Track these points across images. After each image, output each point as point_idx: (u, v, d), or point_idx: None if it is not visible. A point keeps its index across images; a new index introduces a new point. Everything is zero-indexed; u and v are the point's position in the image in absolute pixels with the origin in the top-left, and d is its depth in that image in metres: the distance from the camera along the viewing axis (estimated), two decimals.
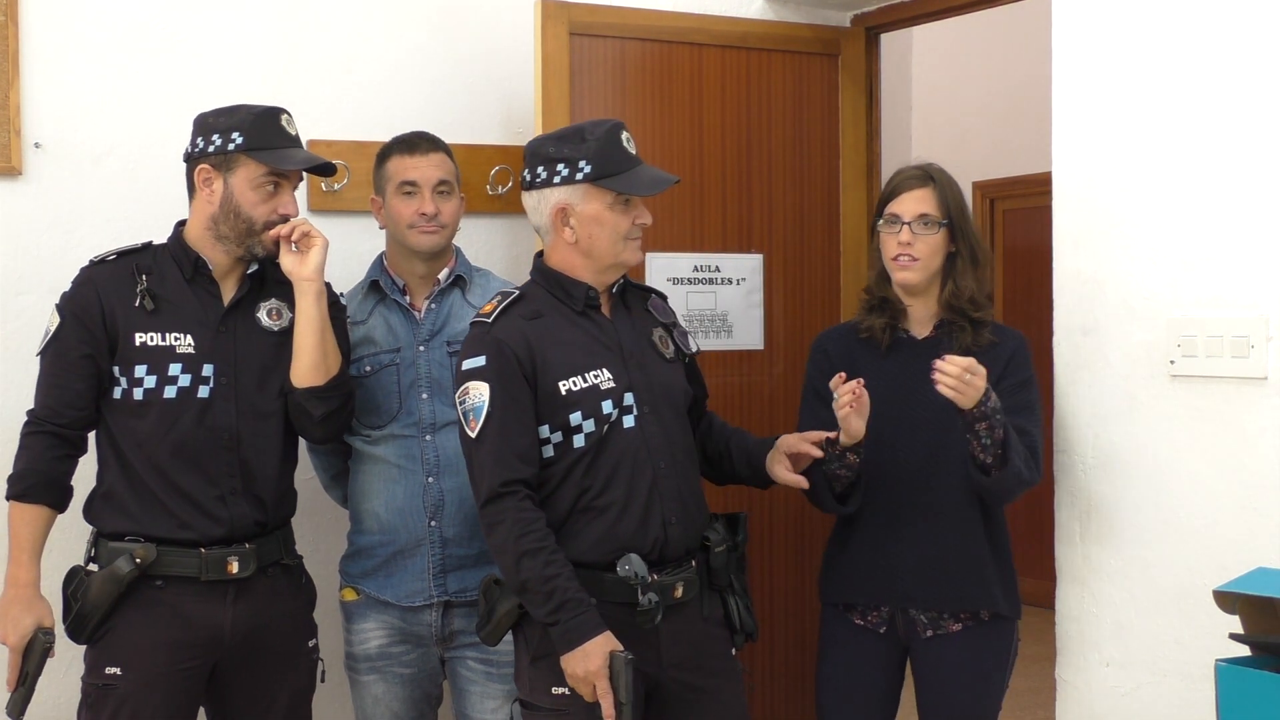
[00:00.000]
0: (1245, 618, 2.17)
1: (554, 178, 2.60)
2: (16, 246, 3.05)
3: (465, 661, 2.95)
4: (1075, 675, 2.80)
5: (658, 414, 2.63)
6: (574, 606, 2.45)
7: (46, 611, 2.63)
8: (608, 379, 2.58)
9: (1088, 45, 2.76)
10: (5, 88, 3.01)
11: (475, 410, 2.53)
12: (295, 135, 2.74)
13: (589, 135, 2.60)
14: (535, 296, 2.64)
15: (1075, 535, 2.80)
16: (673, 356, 2.73)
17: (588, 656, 2.43)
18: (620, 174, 2.59)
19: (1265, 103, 2.48)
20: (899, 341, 2.87)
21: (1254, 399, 2.49)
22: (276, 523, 2.74)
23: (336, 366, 2.71)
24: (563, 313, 2.62)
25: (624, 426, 2.58)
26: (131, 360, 2.64)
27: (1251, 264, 2.50)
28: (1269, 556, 2.44)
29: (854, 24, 3.82)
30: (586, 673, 2.43)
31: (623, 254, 2.63)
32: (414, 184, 2.92)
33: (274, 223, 2.67)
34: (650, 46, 3.53)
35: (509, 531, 2.48)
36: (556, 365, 2.56)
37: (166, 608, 2.62)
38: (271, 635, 2.70)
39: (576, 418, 2.56)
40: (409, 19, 3.47)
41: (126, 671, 2.59)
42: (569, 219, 2.60)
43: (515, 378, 2.53)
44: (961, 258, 2.80)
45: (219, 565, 2.63)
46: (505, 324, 2.58)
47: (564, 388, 2.55)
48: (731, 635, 2.72)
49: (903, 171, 2.87)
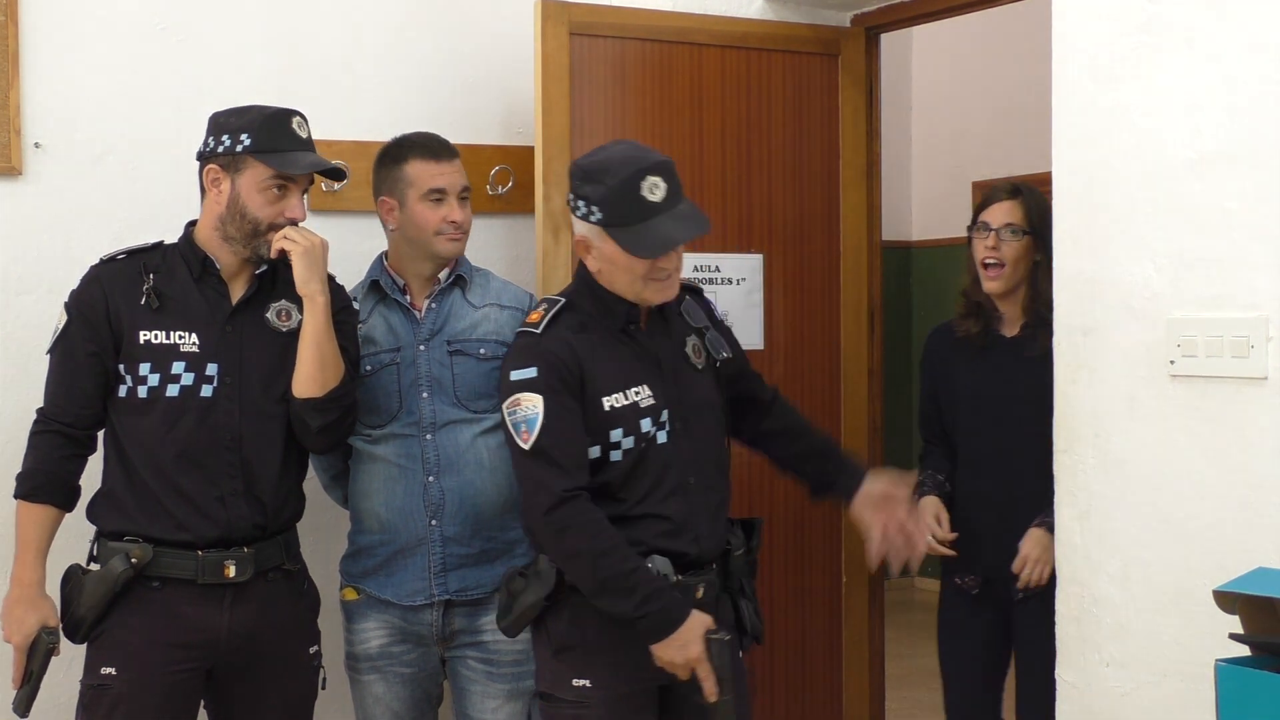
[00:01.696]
0: (1245, 618, 2.17)
1: (575, 210, 2.61)
2: (16, 246, 3.05)
3: (466, 661, 2.95)
4: (1075, 675, 2.80)
5: (689, 429, 2.66)
6: (659, 596, 2.49)
7: (51, 611, 2.63)
8: (648, 396, 2.62)
9: (1088, 45, 2.76)
10: (5, 88, 3.01)
11: (529, 422, 2.53)
12: (305, 138, 2.71)
13: (609, 179, 2.53)
14: (581, 307, 2.64)
15: (1075, 535, 2.79)
16: (704, 366, 2.74)
17: (686, 644, 2.49)
18: (632, 225, 2.53)
19: (1265, 102, 2.48)
20: (991, 341, 3.28)
21: (1254, 399, 2.49)
22: (278, 527, 2.72)
23: (336, 379, 2.68)
24: (606, 327, 2.64)
25: (658, 443, 2.62)
26: (136, 358, 2.63)
27: (1251, 264, 2.50)
28: (1269, 556, 2.44)
29: (854, 24, 3.82)
30: (686, 660, 2.49)
31: (642, 293, 2.61)
32: (442, 191, 2.93)
33: (279, 225, 2.67)
34: (650, 46, 3.53)
35: (581, 534, 2.50)
36: (601, 381, 2.59)
37: (163, 609, 2.62)
38: (271, 641, 2.69)
39: (617, 434, 2.59)
40: (409, 19, 3.47)
41: (121, 672, 2.59)
42: (589, 253, 2.60)
43: (566, 390, 2.55)
44: (1043, 266, 3.08)
45: (216, 568, 2.62)
46: (554, 335, 2.59)
47: (608, 404, 2.58)
48: (740, 638, 2.73)
49: (995, 185, 3.34)
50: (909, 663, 6.06)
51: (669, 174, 2.57)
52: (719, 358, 2.76)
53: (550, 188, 3.38)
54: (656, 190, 2.54)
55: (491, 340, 2.98)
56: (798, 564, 3.64)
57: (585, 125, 3.44)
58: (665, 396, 2.64)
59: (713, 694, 2.48)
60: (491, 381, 2.95)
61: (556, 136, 3.38)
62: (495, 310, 3.02)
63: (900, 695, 5.35)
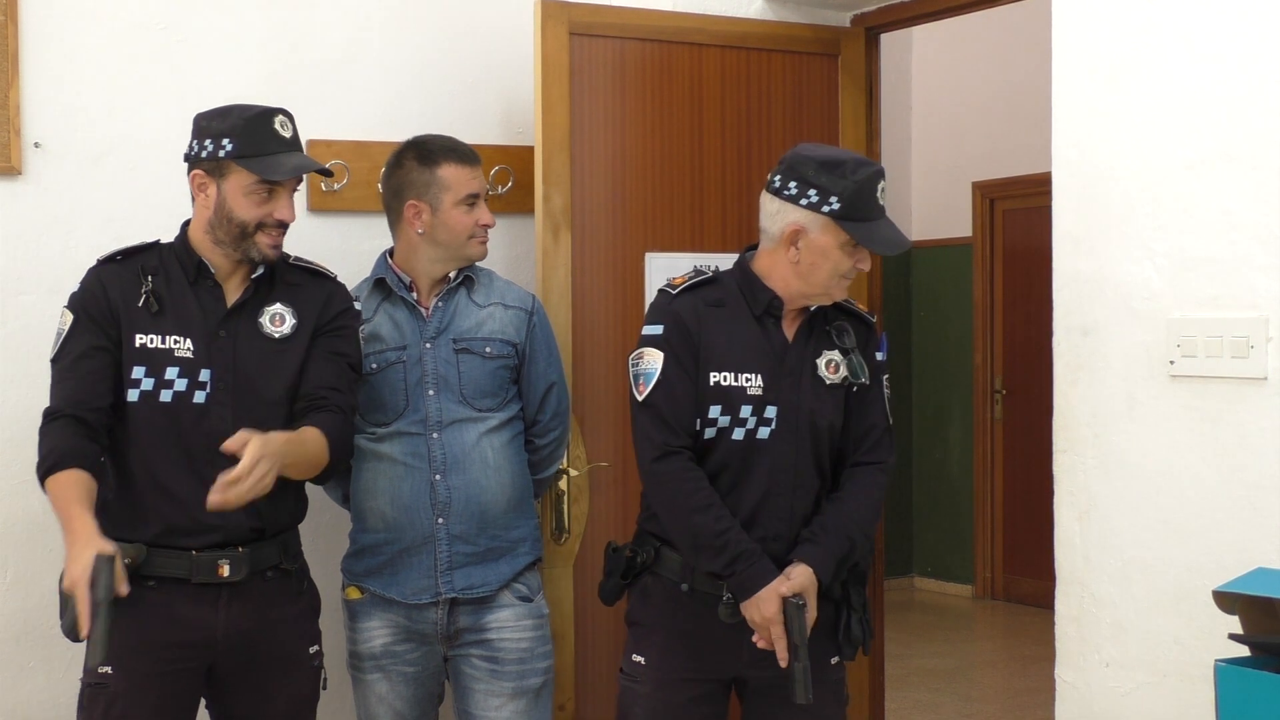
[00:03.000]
0: (1245, 618, 2.17)
1: (802, 199, 2.63)
2: (16, 246, 3.05)
3: (470, 660, 2.95)
4: (1075, 675, 2.81)
5: (795, 434, 2.67)
6: (748, 558, 2.57)
7: (106, 544, 2.43)
8: (758, 386, 2.66)
9: (1088, 45, 2.77)
10: (5, 88, 3.01)
11: (647, 375, 2.66)
12: (290, 137, 2.68)
13: (850, 175, 2.61)
14: (726, 286, 2.73)
15: (1075, 535, 2.80)
16: (837, 383, 2.72)
17: (761, 603, 2.55)
18: (864, 222, 2.61)
19: (1265, 102, 2.48)
20: None
21: (1254, 399, 2.49)
22: (274, 529, 2.70)
23: (323, 460, 2.63)
24: (743, 310, 2.70)
25: (758, 437, 2.66)
26: (130, 362, 2.63)
27: (1251, 264, 2.50)
28: (1269, 556, 2.44)
29: (854, 24, 3.82)
30: (763, 619, 2.54)
31: (832, 289, 2.68)
32: (475, 196, 2.95)
33: (269, 224, 2.65)
34: (650, 46, 3.53)
35: (677, 489, 2.62)
36: (716, 355, 2.67)
37: (158, 608, 2.60)
38: (269, 640, 2.68)
39: (715, 411, 2.65)
40: (409, 19, 3.47)
41: (117, 670, 2.58)
42: (798, 241, 2.64)
43: (686, 352, 2.66)
44: None
45: (209, 568, 2.61)
46: (686, 300, 2.70)
47: (714, 379, 2.66)
48: (839, 648, 2.72)
49: None
50: (909, 663, 6.08)
51: None
52: (856, 381, 2.73)
53: (550, 187, 3.38)
54: (883, 195, 2.65)
55: (497, 339, 2.98)
56: None
57: (585, 125, 3.44)
58: (778, 394, 2.67)
59: (784, 658, 2.53)
60: (497, 380, 2.96)
61: (556, 136, 3.38)
62: (500, 310, 3.02)
63: (900, 695, 5.36)
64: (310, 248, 2.92)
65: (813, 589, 2.58)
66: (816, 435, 2.69)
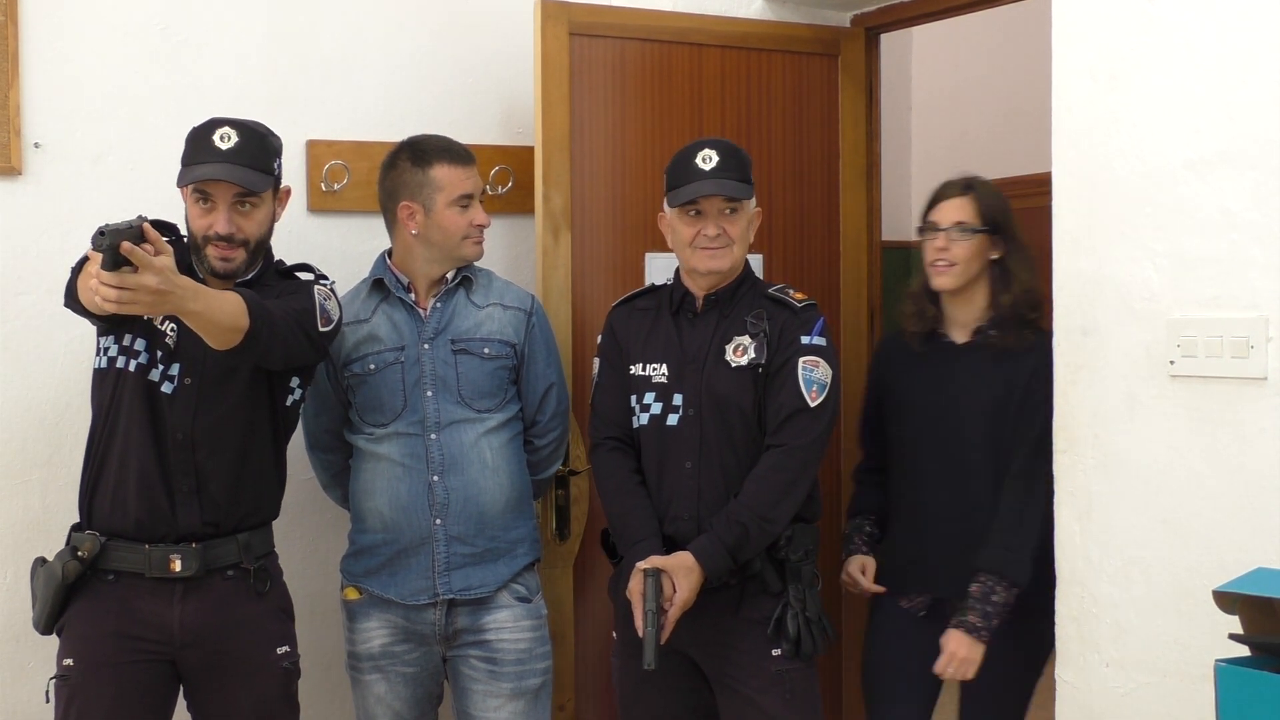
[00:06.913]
0: (1245, 618, 2.17)
1: None
2: (16, 246, 3.05)
3: (469, 660, 2.95)
4: (1075, 675, 2.80)
5: (703, 418, 2.81)
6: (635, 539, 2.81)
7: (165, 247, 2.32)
8: (662, 374, 2.87)
9: (1088, 45, 2.76)
10: (5, 88, 3.01)
11: (594, 380, 3.00)
12: (228, 149, 2.61)
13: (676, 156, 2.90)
14: (662, 292, 2.98)
15: (1075, 535, 2.79)
16: (744, 366, 2.81)
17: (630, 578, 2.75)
18: (679, 187, 2.84)
19: (1265, 103, 2.48)
20: (937, 346, 3.08)
21: (1254, 399, 2.49)
22: (232, 526, 2.70)
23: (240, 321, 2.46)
24: (665, 309, 2.94)
25: (667, 422, 2.84)
26: (119, 337, 2.66)
27: (1251, 264, 2.50)
28: (1269, 556, 2.44)
29: (854, 24, 3.82)
30: (629, 592, 2.74)
31: (690, 260, 2.86)
32: (470, 196, 2.96)
33: (211, 238, 2.63)
34: (650, 46, 3.53)
35: (601, 476, 2.94)
36: (633, 351, 2.93)
37: (116, 601, 2.65)
38: (231, 640, 2.69)
39: (633, 400, 2.91)
40: (409, 19, 3.47)
41: (78, 663, 2.63)
42: (667, 228, 2.93)
43: (615, 354, 2.95)
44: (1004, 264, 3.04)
45: (162, 563, 2.64)
46: (620, 310, 3.01)
47: (632, 370, 2.92)
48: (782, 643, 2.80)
49: (948, 180, 3.14)
50: None
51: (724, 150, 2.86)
52: (759, 363, 2.81)
53: (550, 188, 3.38)
54: (711, 161, 2.82)
55: (495, 340, 2.98)
56: None
57: (585, 125, 3.44)
58: (682, 380, 2.84)
59: (639, 626, 2.67)
60: (495, 381, 2.96)
61: (556, 136, 3.38)
62: (498, 310, 3.02)
63: None
64: (310, 248, 2.93)
65: (684, 571, 2.70)
66: (725, 417, 2.80)
